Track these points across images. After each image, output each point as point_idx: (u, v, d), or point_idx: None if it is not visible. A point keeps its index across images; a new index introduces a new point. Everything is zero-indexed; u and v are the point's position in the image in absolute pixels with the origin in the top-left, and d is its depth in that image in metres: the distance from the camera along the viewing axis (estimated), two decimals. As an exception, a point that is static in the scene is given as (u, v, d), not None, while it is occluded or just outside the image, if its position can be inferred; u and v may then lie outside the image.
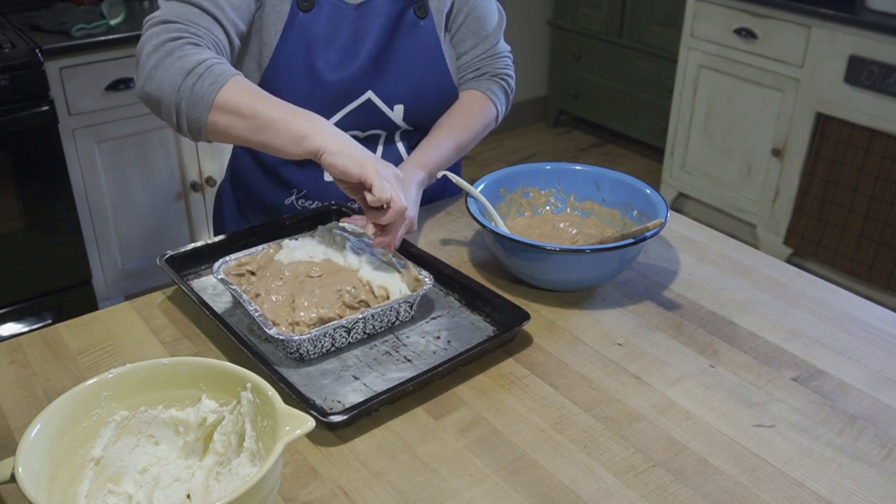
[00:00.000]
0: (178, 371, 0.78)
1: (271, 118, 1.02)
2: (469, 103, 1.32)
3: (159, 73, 1.04)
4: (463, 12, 1.31)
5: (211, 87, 1.03)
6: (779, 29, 2.82)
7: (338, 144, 1.00)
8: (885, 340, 1.05)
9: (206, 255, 1.17)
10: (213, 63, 1.05)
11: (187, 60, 1.04)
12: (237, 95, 1.03)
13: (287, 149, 1.02)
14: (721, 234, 1.32)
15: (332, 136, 1.01)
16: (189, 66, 1.03)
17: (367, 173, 0.99)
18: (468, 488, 0.81)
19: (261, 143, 1.04)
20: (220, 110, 1.03)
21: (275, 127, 1.02)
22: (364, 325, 1.00)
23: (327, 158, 1.00)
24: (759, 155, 3.03)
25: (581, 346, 1.03)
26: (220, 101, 1.03)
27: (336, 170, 1.00)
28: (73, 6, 2.53)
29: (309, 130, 1.01)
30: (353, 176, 0.99)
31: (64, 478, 0.73)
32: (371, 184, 0.99)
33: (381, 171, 1.00)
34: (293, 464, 0.84)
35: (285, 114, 1.03)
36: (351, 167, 0.99)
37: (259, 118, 1.02)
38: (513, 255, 1.10)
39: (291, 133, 1.01)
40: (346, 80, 1.22)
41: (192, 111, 1.04)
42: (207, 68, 1.04)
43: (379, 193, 0.98)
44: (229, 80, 1.04)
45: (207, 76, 1.03)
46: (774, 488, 0.82)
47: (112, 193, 2.51)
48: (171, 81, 1.03)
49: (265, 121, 1.02)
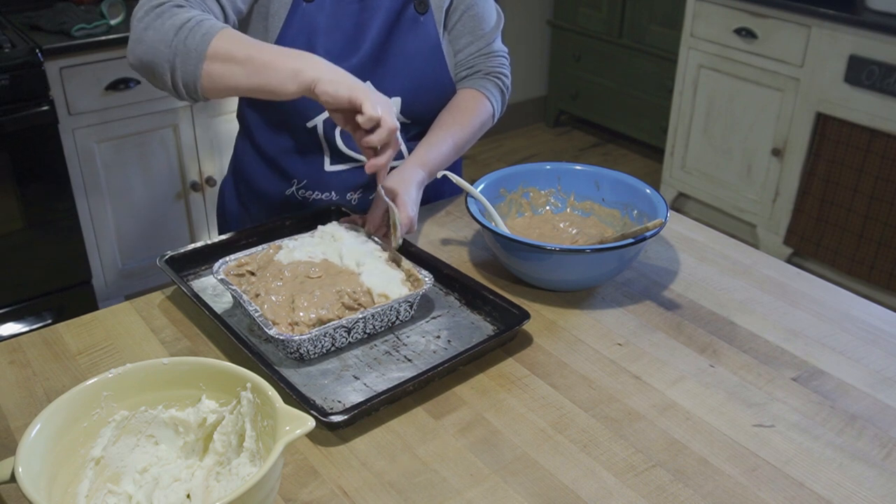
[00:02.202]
0: (178, 371, 0.78)
1: (266, 60, 1.04)
2: (465, 102, 1.33)
3: (150, 34, 1.07)
4: (460, 9, 1.32)
5: (203, 38, 1.05)
6: (779, 29, 2.82)
7: (331, 73, 1.03)
8: (885, 340, 1.05)
9: (205, 256, 1.17)
10: (202, 18, 1.07)
11: (177, 18, 1.06)
12: (229, 43, 1.06)
13: (284, 87, 1.04)
14: (721, 234, 1.32)
15: (325, 66, 1.04)
16: (179, 23, 1.06)
17: (357, 95, 1.01)
18: (468, 488, 0.81)
19: (257, 87, 1.06)
20: (215, 59, 1.05)
21: (270, 67, 1.04)
22: (364, 325, 1.00)
23: (321, 87, 1.02)
24: (759, 155, 3.03)
25: (581, 346, 1.03)
26: (213, 51, 1.05)
27: (328, 96, 1.02)
28: (73, 6, 2.53)
29: (303, 65, 1.03)
30: (343, 99, 1.01)
31: (64, 478, 0.73)
32: (361, 104, 1.01)
33: (372, 94, 1.03)
34: (293, 464, 0.84)
35: (279, 54, 1.05)
36: (342, 91, 1.01)
37: (254, 61, 1.05)
38: (513, 255, 1.10)
39: (287, 70, 1.03)
40: (346, 71, 1.23)
41: (186, 65, 1.06)
42: (197, 23, 1.06)
43: (369, 112, 1.01)
44: (220, 31, 1.06)
45: (198, 29, 1.06)
46: (774, 488, 0.82)
47: (112, 193, 2.51)
48: (162, 40, 1.06)
49: (260, 63, 1.04)
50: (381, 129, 1.03)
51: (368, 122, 1.02)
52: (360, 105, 1.01)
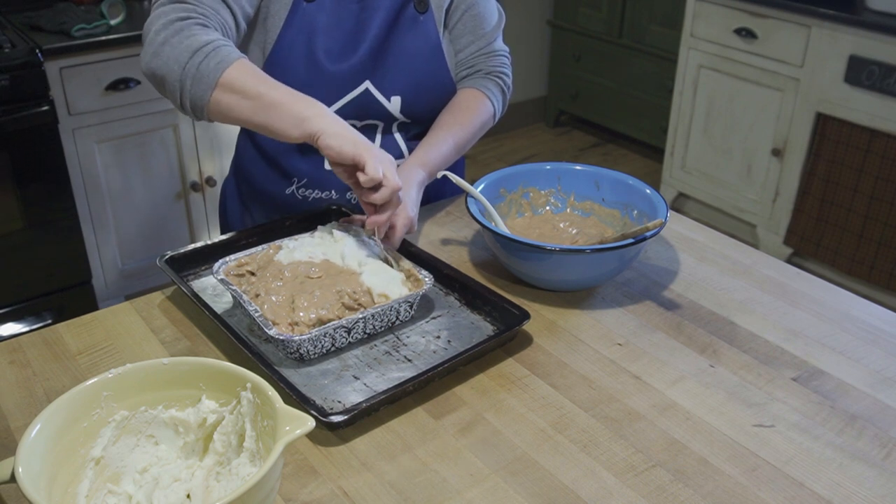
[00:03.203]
0: (178, 371, 0.78)
1: (274, 100, 1.05)
2: (466, 101, 1.33)
3: (167, 49, 1.07)
4: (461, 9, 1.32)
5: (217, 66, 1.06)
6: (779, 29, 2.82)
7: (336, 127, 1.03)
8: (885, 340, 1.05)
9: (205, 256, 1.17)
10: (221, 44, 1.07)
11: (195, 40, 1.06)
12: (242, 76, 1.06)
13: (287, 131, 1.05)
14: (721, 234, 1.32)
15: (331, 120, 1.04)
16: (196, 46, 1.06)
17: (360, 153, 1.01)
18: (468, 488, 0.81)
19: (261, 125, 1.07)
20: (225, 89, 1.06)
21: (277, 109, 1.04)
22: (364, 325, 1.00)
23: (324, 140, 1.02)
24: (759, 155, 3.03)
25: (581, 346, 1.03)
26: (225, 81, 1.06)
27: (332, 151, 1.02)
28: (73, 6, 2.53)
29: (310, 114, 1.04)
30: (347, 156, 1.02)
31: (64, 478, 0.73)
32: (364, 163, 1.01)
33: (375, 152, 1.03)
34: (293, 464, 0.84)
35: (288, 97, 1.05)
36: (346, 148, 1.02)
37: (263, 99, 1.05)
38: (513, 255, 1.10)
39: (292, 115, 1.04)
40: (346, 70, 1.24)
41: (196, 89, 1.07)
42: (214, 49, 1.06)
43: (372, 173, 1.01)
44: (235, 62, 1.07)
45: (214, 56, 1.06)
46: (774, 488, 0.82)
47: (112, 194, 2.51)
48: (177, 59, 1.06)
49: (268, 102, 1.05)
50: (384, 189, 1.03)
51: (370, 183, 1.02)
52: (363, 164, 1.01)
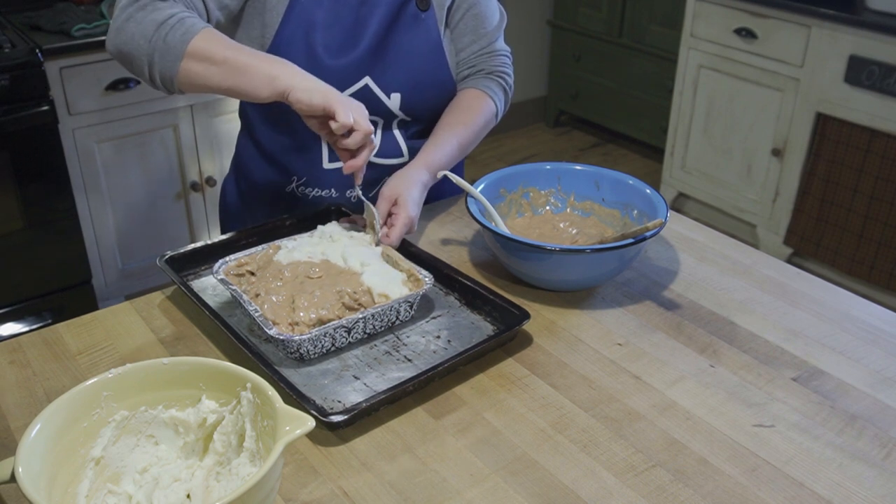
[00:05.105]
0: (178, 371, 0.78)
1: (242, 63, 1.06)
2: (468, 101, 1.33)
3: (131, 26, 1.08)
4: (462, 8, 1.32)
5: (183, 36, 1.07)
6: (779, 29, 2.82)
7: (306, 83, 1.05)
8: (885, 340, 1.05)
9: (205, 256, 1.17)
10: (185, 16, 1.09)
11: (159, 14, 1.08)
12: (209, 44, 1.07)
13: (258, 91, 1.06)
14: (721, 234, 1.32)
15: (300, 76, 1.06)
16: (161, 19, 1.07)
17: (330, 103, 1.03)
18: (468, 488, 0.81)
19: (233, 89, 1.08)
20: (193, 58, 1.07)
21: (246, 71, 1.06)
22: (364, 325, 1.00)
23: (294, 95, 1.04)
24: (759, 155, 3.03)
25: (581, 346, 1.03)
26: (192, 50, 1.07)
27: (302, 104, 1.04)
28: (73, 6, 2.53)
29: (278, 72, 1.06)
30: (317, 107, 1.03)
31: (64, 478, 0.73)
32: (334, 111, 1.03)
33: (345, 100, 1.05)
34: (293, 464, 0.84)
35: (256, 59, 1.07)
36: (315, 99, 1.03)
37: (231, 63, 1.06)
38: (513, 255, 1.10)
39: (262, 75, 1.06)
40: (345, 65, 1.24)
41: (164, 61, 1.07)
42: (179, 20, 1.08)
43: (343, 119, 1.03)
44: (201, 31, 1.08)
45: (179, 27, 1.07)
46: (774, 488, 0.82)
47: (112, 194, 2.51)
48: (143, 34, 1.07)
49: (236, 66, 1.06)
50: (355, 133, 1.06)
51: (342, 129, 1.04)
52: (333, 112, 1.03)
